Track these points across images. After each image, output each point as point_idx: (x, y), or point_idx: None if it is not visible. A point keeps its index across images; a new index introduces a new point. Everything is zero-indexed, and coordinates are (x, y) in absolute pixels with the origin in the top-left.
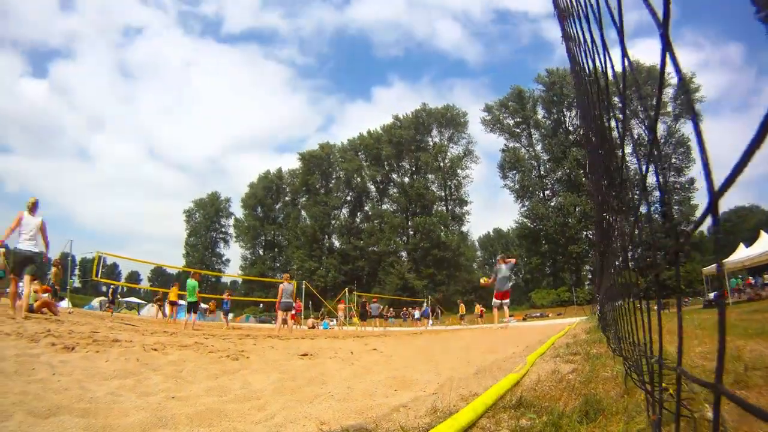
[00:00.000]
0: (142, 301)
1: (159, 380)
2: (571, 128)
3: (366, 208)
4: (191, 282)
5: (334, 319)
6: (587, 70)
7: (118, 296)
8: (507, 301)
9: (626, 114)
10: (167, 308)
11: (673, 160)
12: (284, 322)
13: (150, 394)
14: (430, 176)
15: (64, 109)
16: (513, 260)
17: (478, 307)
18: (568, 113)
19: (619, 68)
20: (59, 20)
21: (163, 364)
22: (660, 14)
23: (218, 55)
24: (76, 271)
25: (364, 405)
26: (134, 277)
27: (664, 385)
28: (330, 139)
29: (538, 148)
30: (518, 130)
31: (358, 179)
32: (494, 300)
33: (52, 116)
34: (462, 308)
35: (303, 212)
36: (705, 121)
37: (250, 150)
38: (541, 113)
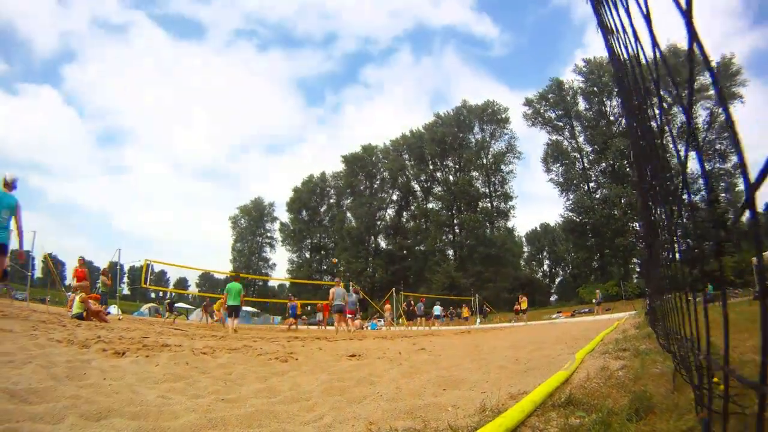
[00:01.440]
0: (191, 307)
1: (208, 383)
2: (612, 118)
3: (411, 207)
4: (235, 285)
5: (382, 320)
6: (623, 58)
7: (166, 302)
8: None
9: (661, 101)
10: (216, 314)
11: (717, 146)
12: (344, 323)
13: (200, 396)
14: (474, 173)
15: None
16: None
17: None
18: (609, 102)
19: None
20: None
21: (213, 367)
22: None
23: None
24: (125, 279)
25: (413, 405)
26: (182, 283)
27: (715, 380)
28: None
29: (581, 139)
30: (560, 123)
31: (403, 179)
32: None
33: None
34: (524, 302)
35: (348, 214)
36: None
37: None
38: (582, 104)
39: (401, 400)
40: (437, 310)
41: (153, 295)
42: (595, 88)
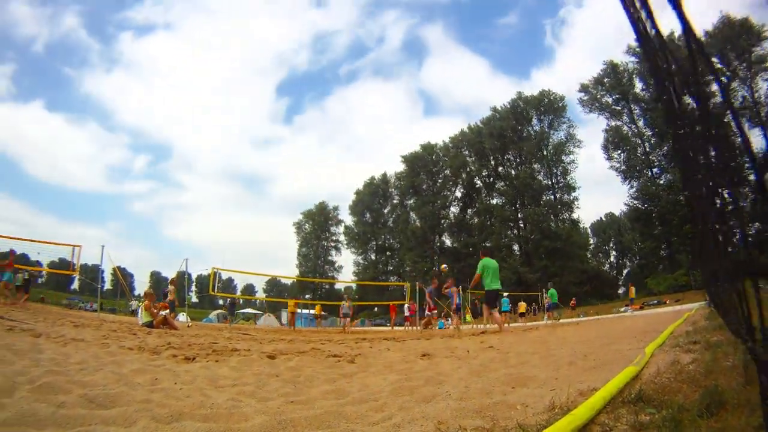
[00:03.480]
0: (258, 312)
1: (278, 385)
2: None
3: (475, 203)
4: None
5: (449, 319)
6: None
7: (228, 307)
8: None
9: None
10: (285, 318)
11: None
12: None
13: (269, 399)
14: (535, 165)
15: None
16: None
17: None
18: (666, 82)
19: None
20: None
21: (282, 370)
22: None
23: None
24: (193, 287)
25: (482, 403)
26: (250, 289)
27: None
28: None
29: (641, 123)
30: (618, 107)
31: (465, 175)
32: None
33: None
34: (522, 307)
35: (412, 214)
36: None
37: None
38: (638, 86)
39: (470, 399)
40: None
41: (221, 302)
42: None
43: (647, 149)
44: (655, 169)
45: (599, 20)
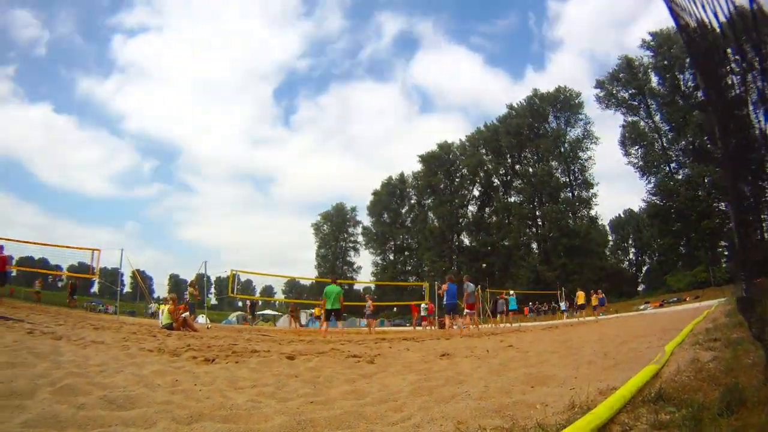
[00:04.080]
0: (278, 313)
1: (297, 386)
2: (687, 91)
3: (493, 202)
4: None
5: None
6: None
7: (249, 308)
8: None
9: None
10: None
11: None
12: (451, 324)
13: (289, 399)
14: (552, 163)
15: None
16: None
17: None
18: (682, 76)
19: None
20: None
21: (302, 371)
22: None
23: None
24: (212, 289)
25: (501, 403)
26: (269, 291)
27: None
28: None
29: (657, 118)
30: (635, 103)
31: (482, 174)
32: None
33: None
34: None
35: (430, 213)
36: None
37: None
38: (654, 80)
39: (490, 399)
40: (500, 305)
41: (240, 303)
42: (665, 62)
43: (665, 144)
44: (672, 165)
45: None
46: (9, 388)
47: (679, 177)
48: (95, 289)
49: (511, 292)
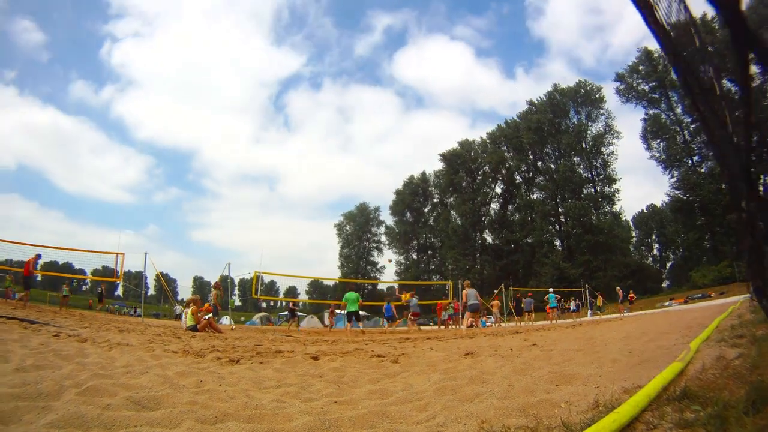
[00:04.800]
0: (302, 314)
1: (322, 386)
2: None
3: (515, 199)
4: (352, 294)
5: (491, 317)
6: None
7: (288, 311)
8: None
9: None
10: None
11: None
12: (472, 323)
13: (313, 399)
14: (574, 158)
15: None
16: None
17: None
18: (702, 66)
19: None
20: None
21: (326, 371)
22: None
23: None
24: (236, 291)
25: (525, 402)
26: (292, 291)
27: None
28: None
29: (678, 110)
30: (656, 95)
31: (504, 171)
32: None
33: None
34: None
35: (452, 212)
36: None
37: None
38: (674, 72)
39: (513, 398)
40: (527, 304)
41: (264, 304)
42: (684, 53)
43: (687, 137)
44: (695, 158)
45: None
46: (36, 389)
47: (702, 170)
48: (119, 292)
49: (551, 289)
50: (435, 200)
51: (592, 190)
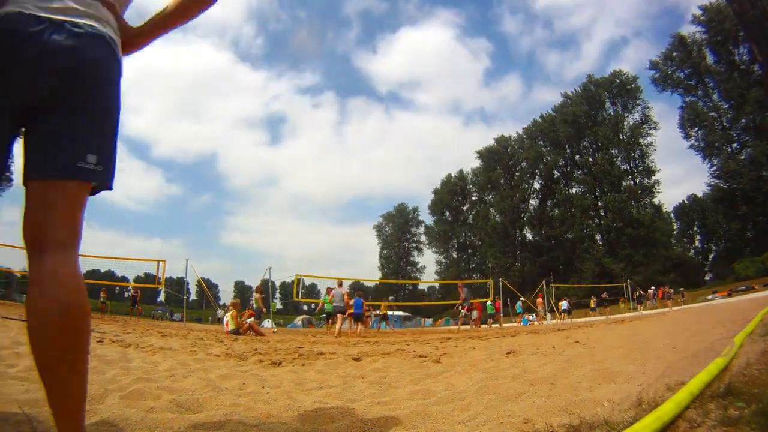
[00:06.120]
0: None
1: (363, 387)
2: (743, 66)
3: (554, 194)
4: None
5: (533, 315)
6: None
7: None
8: None
9: None
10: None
11: None
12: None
13: (355, 400)
14: (612, 151)
15: None
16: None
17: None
18: (737, 50)
19: None
20: None
21: (367, 372)
22: None
23: None
24: (277, 294)
25: (568, 400)
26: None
27: None
28: None
29: (715, 97)
30: (691, 82)
31: (542, 166)
32: None
33: None
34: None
35: (491, 209)
36: None
37: None
38: (710, 58)
39: (556, 396)
40: (564, 304)
41: (305, 307)
42: (718, 37)
43: (725, 124)
44: (734, 145)
45: None
46: None
47: (742, 157)
48: (161, 297)
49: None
50: (473, 198)
51: (631, 182)
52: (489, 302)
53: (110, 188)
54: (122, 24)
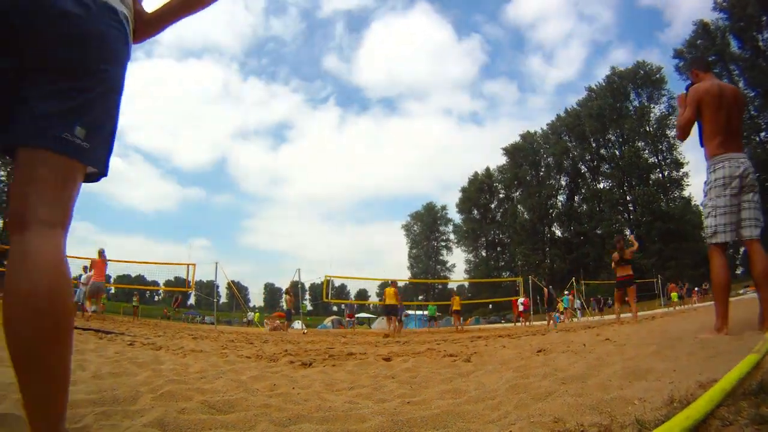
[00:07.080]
0: (372, 315)
1: (394, 387)
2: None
3: (582, 190)
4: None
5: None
6: None
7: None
8: None
9: None
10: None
11: None
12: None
13: (386, 400)
14: (639, 143)
15: None
16: None
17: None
18: (761, 35)
19: None
20: None
21: (398, 371)
22: None
23: None
24: (307, 296)
25: (599, 399)
26: (363, 294)
27: None
28: None
29: (741, 84)
30: (717, 70)
31: (568, 161)
32: None
33: None
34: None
35: (519, 206)
36: None
37: None
38: (734, 44)
39: (587, 395)
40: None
41: (335, 308)
42: (741, 23)
43: (752, 112)
44: (762, 134)
45: None
46: (112, 395)
47: None
48: (192, 301)
49: (566, 292)
50: (501, 196)
51: (660, 175)
52: (566, 296)
53: (105, 174)
54: (138, 8)
